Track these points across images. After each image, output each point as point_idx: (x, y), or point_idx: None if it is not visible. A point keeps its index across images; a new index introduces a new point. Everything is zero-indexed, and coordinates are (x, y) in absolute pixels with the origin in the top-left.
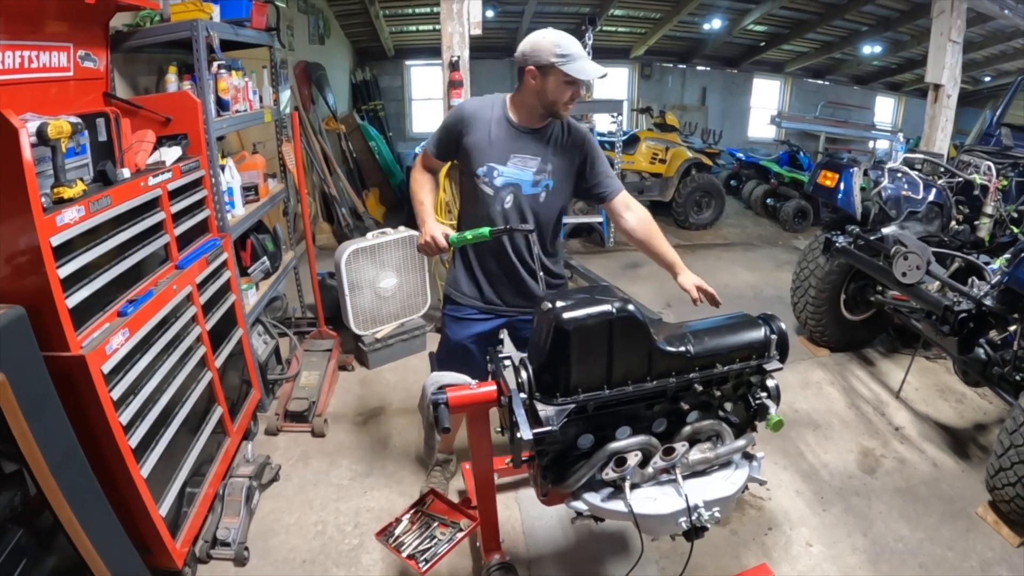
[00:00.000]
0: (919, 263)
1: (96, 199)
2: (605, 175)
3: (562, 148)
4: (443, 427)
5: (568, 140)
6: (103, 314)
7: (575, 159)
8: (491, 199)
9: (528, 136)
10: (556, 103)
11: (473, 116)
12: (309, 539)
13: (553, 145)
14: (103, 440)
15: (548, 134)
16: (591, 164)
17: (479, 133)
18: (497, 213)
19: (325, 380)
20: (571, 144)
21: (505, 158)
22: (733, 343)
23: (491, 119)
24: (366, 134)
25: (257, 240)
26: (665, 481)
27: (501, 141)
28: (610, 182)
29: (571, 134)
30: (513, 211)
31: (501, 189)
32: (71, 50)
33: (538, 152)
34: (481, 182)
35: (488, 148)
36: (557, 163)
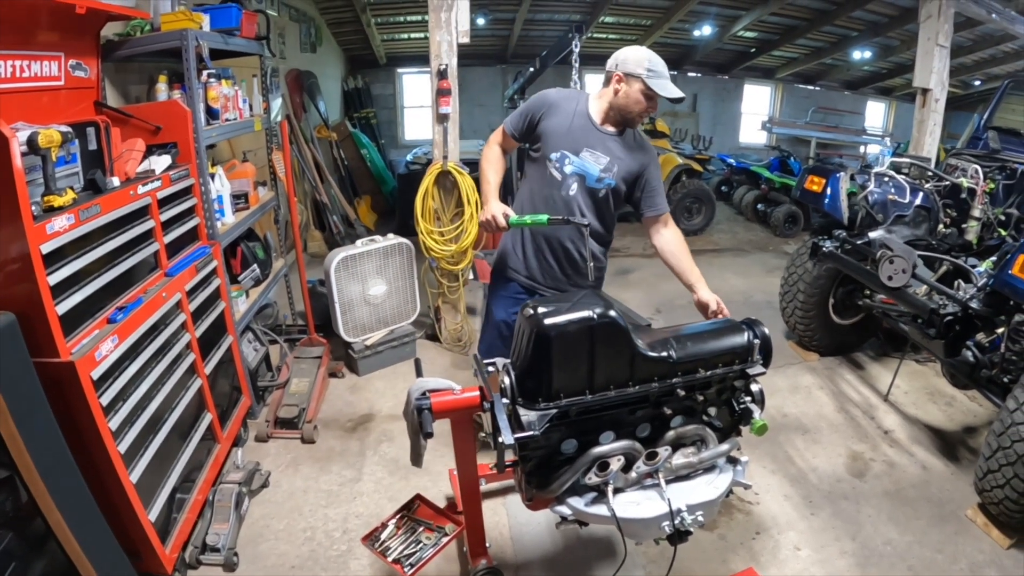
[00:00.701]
0: (905, 267)
1: (86, 207)
2: (657, 192)
3: (630, 156)
4: (427, 432)
5: (637, 150)
6: (93, 321)
7: (637, 169)
8: (558, 183)
9: (603, 135)
10: (631, 111)
11: (558, 103)
12: (298, 545)
13: (623, 150)
14: (93, 445)
15: (621, 139)
16: (648, 178)
17: (560, 120)
18: (560, 198)
19: (315, 387)
20: (638, 154)
21: (579, 149)
22: (716, 348)
23: (574, 111)
24: (358, 142)
25: (247, 248)
26: (649, 485)
27: (579, 132)
28: (660, 200)
29: (641, 146)
30: (575, 198)
31: (569, 176)
32: (62, 59)
33: (608, 152)
34: (552, 166)
35: (566, 136)
36: (622, 167)
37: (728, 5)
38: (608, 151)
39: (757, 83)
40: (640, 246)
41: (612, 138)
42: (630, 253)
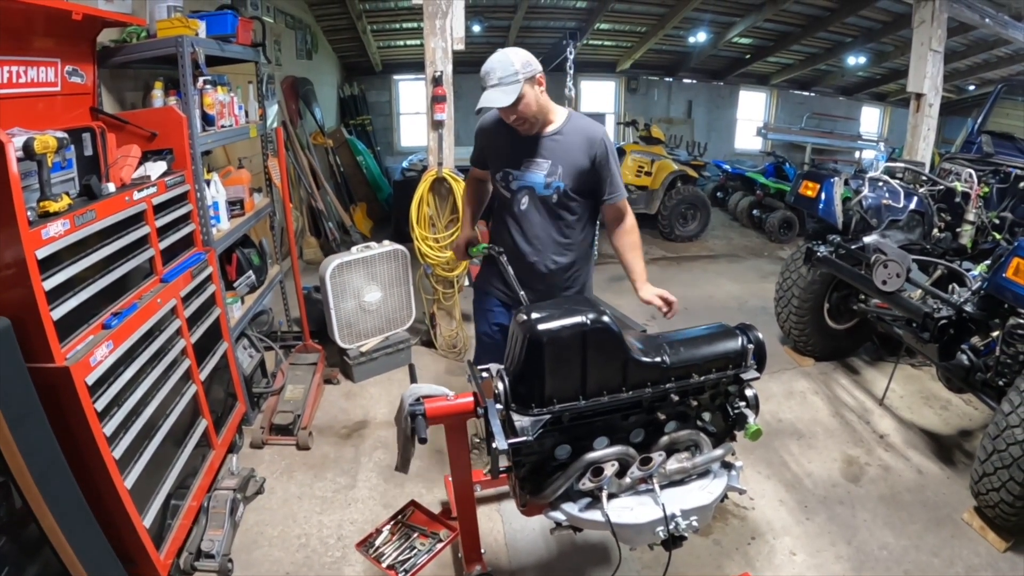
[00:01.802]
0: (899, 271)
1: (81, 213)
2: (611, 181)
3: (571, 150)
4: (421, 438)
5: (579, 141)
6: (88, 326)
7: (583, 160)
8: (509, 201)
9: (538, 141)
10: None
11: (489, 126)
12: (292, 551)
13: (564, 147)
14: (87, 451)
15: (558, 138)
16: (599, 166)
17: (494, 141)
18: (515, 214)
19: (310, 393)
20: (581, 144)
21: (519, 163)
22: (709, 353)
23: (504, 128)
24: (354, 148)
25: (243, 254)
26: (643, 491)
27: (513, 147)
28: (614, 188)
29: (583, 134)
30: (529, 211)
31: (517, 192)
32: (58, 65)
33: (549, 155)
34: (499, 186)
35: (505, 154)
36: (567, 164)
37: (722, 12)
38: (547, 154)
39: (752, 89)
40: None
41: (548, 139)
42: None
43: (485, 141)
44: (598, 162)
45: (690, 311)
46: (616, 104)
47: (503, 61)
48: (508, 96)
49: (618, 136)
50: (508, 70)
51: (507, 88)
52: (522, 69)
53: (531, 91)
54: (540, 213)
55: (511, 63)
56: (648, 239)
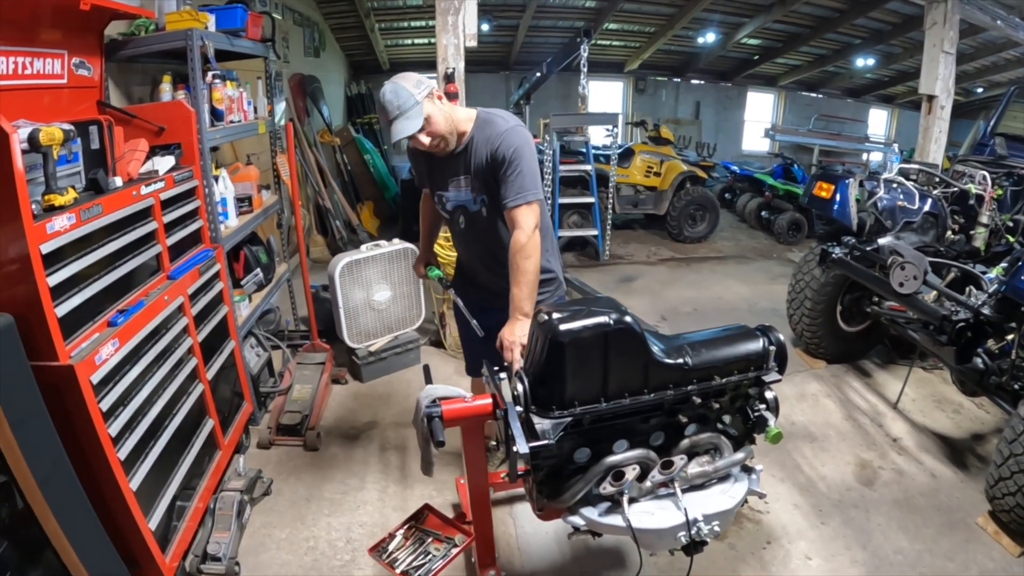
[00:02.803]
0: (916, 273)
1: (87, 207)
2: (506, 182)
3: (478, 160)
4: (438, 440)
5: (483, 149)
6: (93, 324)
7: (493, 170)
8: (450, 221)
9: (455, 159)
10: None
11: (413, 151)
12: (301, 555)
13: (472, 160)
14: (91, 452)
15: (470, 152)
16: (496, 166)
17: (422, 165)
18: (457, 233)
19: (318, 393)
20: (484, 152)
21: (445, 184)
22: (731, 355)
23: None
24: (361, 147)
25: (250, 252)
26: (663, 495)
27: (437, 169)
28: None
29: (486, 141)
30: (468, 230)
31: (453, 212)
32: (65, 57)
33: (464, 171)
34: (439, 207)
35: (432, 178)
36: (478, 174)
37: (732, 12)
38: (463, 170)
39: (760, 90)
40: (644, 253)
41: (462, 157)
42: (633, 261)
43: (415, 164)
44: (496, 162)
45: (700, 312)
46: (624, 104)
47: (395, 91)
48: (415, 122)
49: (627, 136)
50: (403, 96)
51: (410, 114)
52: (416, 90)
53: (434, 108)
54: (479, 228)
55: (403, 88)
56: (657, 240)
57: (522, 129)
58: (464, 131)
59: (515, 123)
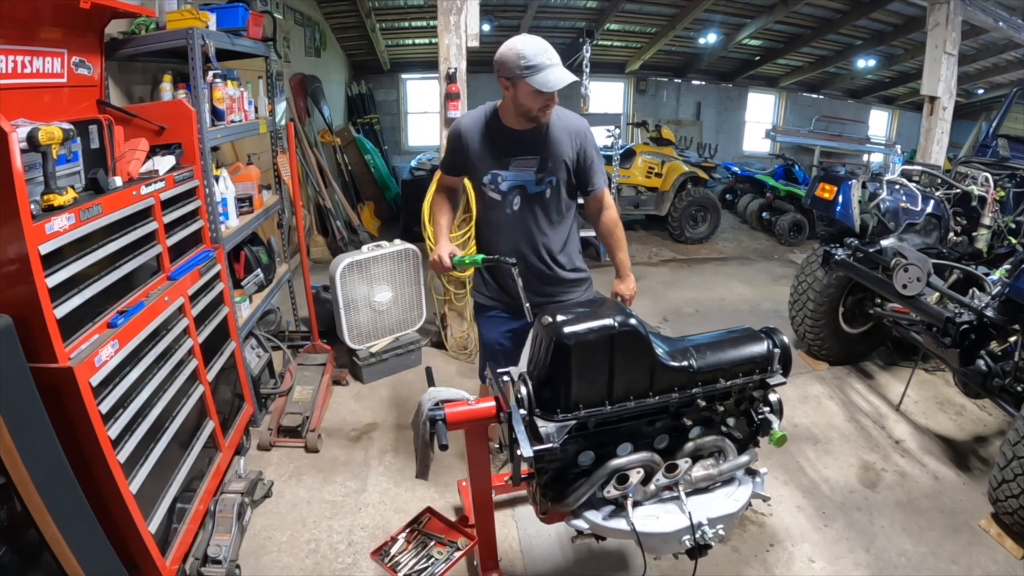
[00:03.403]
0: (920, 275)
1: (87, 207)
2: (592, 170)
3: (558, 143)
4: (442, 444)
5: (563, 134)
6: (92, 325)
7: (570, 153)
8: (500, 204)
9: (524, 137)
10: (530, 111)
11: (469, 129)
12: (302, 557)
13: (549, 142)
14: (91, 454)
15: (543, 132)
16: (583, 157)
17: (477, 143)
18: (507, 216)
19: (319, 395)
20: (566, 137)
21: (507, 163)
22: (736, 357)
23: (485, 127)
24: (362, 147)
25: (251, 252)
26: (668, 498)
27: (499, 146)
28: (596, 178)
29: (567, 127)
30: (523, 211)
31: (508, 193)
32: (65, 56)
33: (536, 151)
34: (488, 189)
35: (489, 155)
36: (555, 158)
37: (733, 13)
38: (534, 151)
39: (761, 91)
40: (645, 254)
41: (532, 136)
42: (635, 262)
43: (463, 145)
44: (582, 153)
45: (702, 313)
46: (625, 105)
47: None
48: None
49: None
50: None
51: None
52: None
53: None
54: (534, 211)
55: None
56: (658, 241)
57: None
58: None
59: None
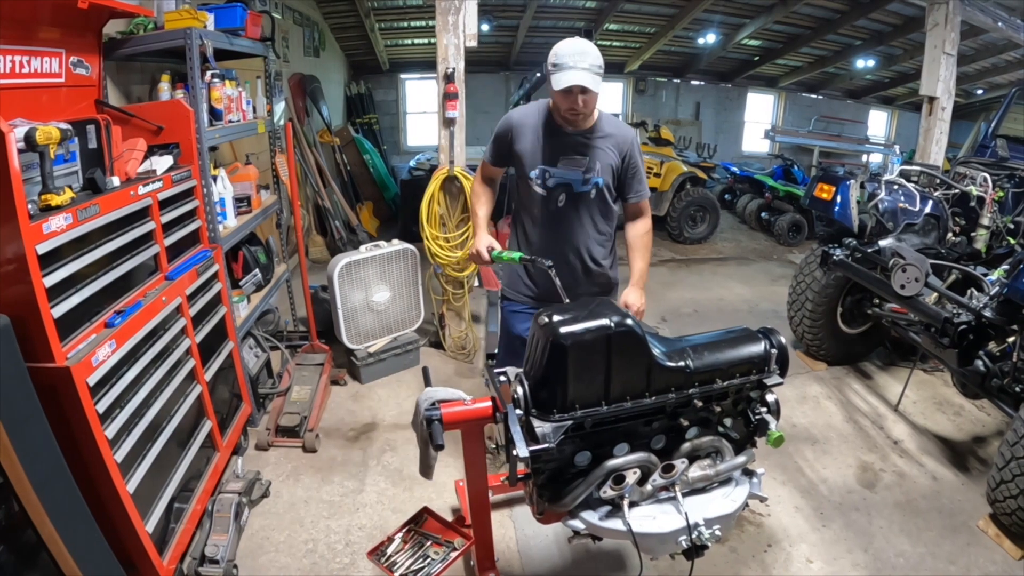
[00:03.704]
0: (918, 275)
1: (84, 207)
2: (638, 178)
3: (606, 147)
4: (437, 444)
5: (612, 138)
6: (90, 325)
7: (618, 156)
8: (544, 199)
9: (575, 138)
10: (562, 113)
11: (521, 123)
12: (299, 557)
13: (598, 143)
14: (88, 454)
15: (595, 134)
16: (628, 165)
17: (527, 139)
18: (550, 212)
19: (317, 394)
20: (614, 141)
21: (555, 160)
22: (733, 358)
23: (538, 124)
24: (360, 147)
25: (249, 252)
26: (664, 499)
27: (549, 144)
28: (640, 187)
29: (615, 131)
30: (567, 209)
31: (554, 189)
32: (63, 56)
33: (584, 151)
34: (534, 184)
35: (539, 151)
36: (604, 161)
37: (732, 13)
38: (583, 151)
39: (760, 92)
40: None
41: (582, 136)
42: None
43: (514, 138)
44: (628, 161)
45: (701, 314)
46: (624, 105)
47: (590, 50)
48: (597, 82)
49: None
50: (597, 60)
51: (597, 76)
52: (601, 64)
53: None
54: (578, 210)
55: (597, 55)
56: (657, 241)
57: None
58: (593, 119)
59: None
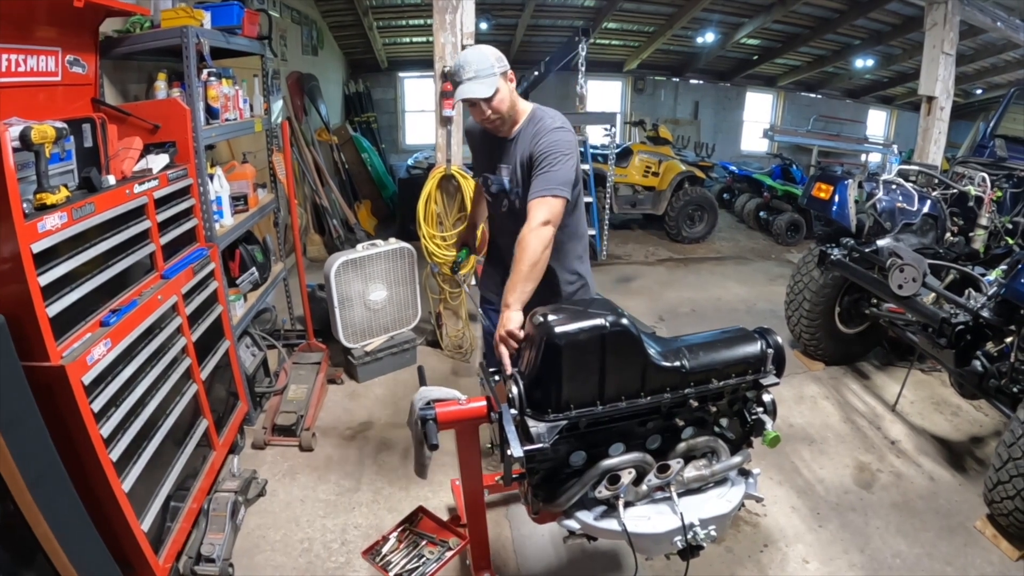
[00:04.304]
0: (915, 275)
1: (79, 206)
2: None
3: (525, 156)
4: (431, 444)
5: (525, 142)
6: (85, 323)
7: (527, 160)
8: (492, 205)
9: (505, 144)
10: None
11: (471, 129)
12: (295, 556)
13: (520, 154)
14: (83, 453)
15: (516, 143)
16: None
17: (476, 144)
18: (498, 217)
19: (313, 393)
20: (525, 145)
21: (494, 166)
22: (729, 357)
23: (480, 131)
24: (359, 146)
25: (246, 251)
26: (660, 499)
27: (489, 150)
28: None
29: (533, 134)
30: (508, 215)
31: (496, 195)
32: (59, 55)
33: (510, 160)
34: (484, 190)
35: (485, 156)
36: (516, 166)
37: (731, 12)
38: (508, 158)
39: (759, 91)
40: (642, 254)
41: (511, 143)
42: (631, 261)
43: (470, 143)
44: (535, 157)
45: (698, 313)
46: (622, 104)
47: (478, 55)
48: (486, 88)
49: (625, 136)
50: (484, 63)
51: (484, 80)
52: (496, 63)
53: (505, 86)
54: (516, 217)
55: (486, 57)
56: (655, 240)
57: (567, 132)
58: (517, 121)
59: (562, 123)
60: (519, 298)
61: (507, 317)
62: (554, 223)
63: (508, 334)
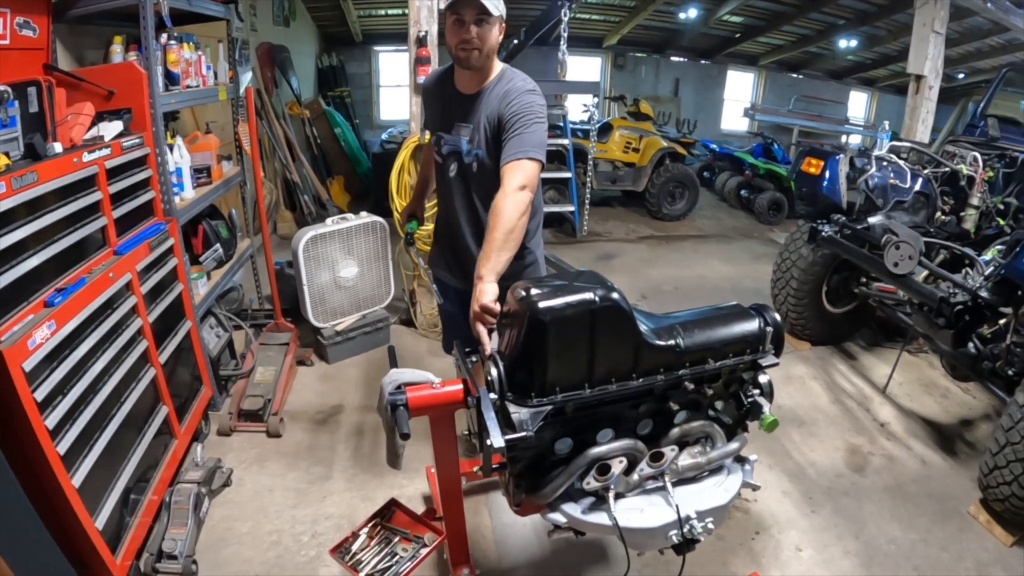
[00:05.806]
0: (911, 253)
1: (20, 174)
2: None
3: (492, 116)
4: (403, 433)
5: (495, 99)
6: (27, 304)
7: (495, 120)
8: (441, 168)
9: (467, 100)
10: (452, 48)
11: (430, 86)
12: (263, 550)
13: (486, 113)
14: (27, 446)
15: (482, 101)
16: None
17: (434, 102)
18: (446, 183)
19: (282, 376)
20: (496, 102)
21: (450, 126)
22: (726, 336)
23: (443, 87)
24: (332, 120)
25: (210, 226)
26: (652, 489)
27: (449, 108)
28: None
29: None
30: (456, 181)
31: (447, 157)
32: (8, 16)
33: (471, 119)
34: (434, 151)
35: (440, 116)
36: (483, 125)
37: None
38: (470, 118)
39: (740, 70)
40: (623, 230)
41: (473, 101)
42: (612, 238)
43: (427, 102)
44: (506, 118)
45: (681, 291)
46: (602, 80)
47: None
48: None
49: (605, 111)
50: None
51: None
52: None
53: (497, 27)
54: (466, 183)
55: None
56: (636, 217)
57: (539, 96)
58: (488, 75)
59: (533, 86)
60: (494, 268)
61: (480, 290)
62: (531, 188)
63: (483, 308)
